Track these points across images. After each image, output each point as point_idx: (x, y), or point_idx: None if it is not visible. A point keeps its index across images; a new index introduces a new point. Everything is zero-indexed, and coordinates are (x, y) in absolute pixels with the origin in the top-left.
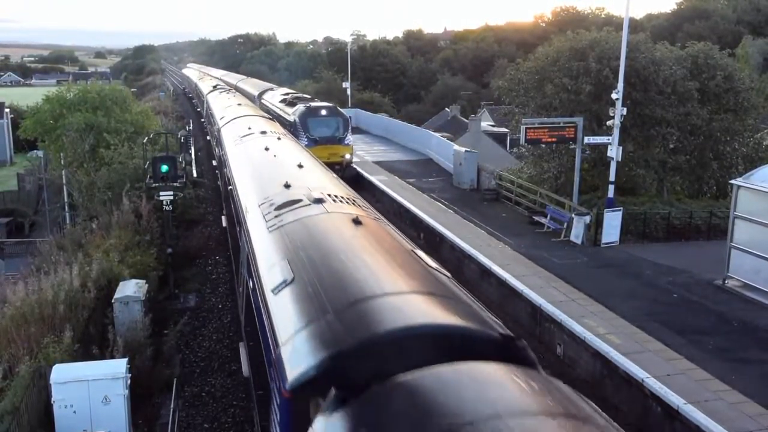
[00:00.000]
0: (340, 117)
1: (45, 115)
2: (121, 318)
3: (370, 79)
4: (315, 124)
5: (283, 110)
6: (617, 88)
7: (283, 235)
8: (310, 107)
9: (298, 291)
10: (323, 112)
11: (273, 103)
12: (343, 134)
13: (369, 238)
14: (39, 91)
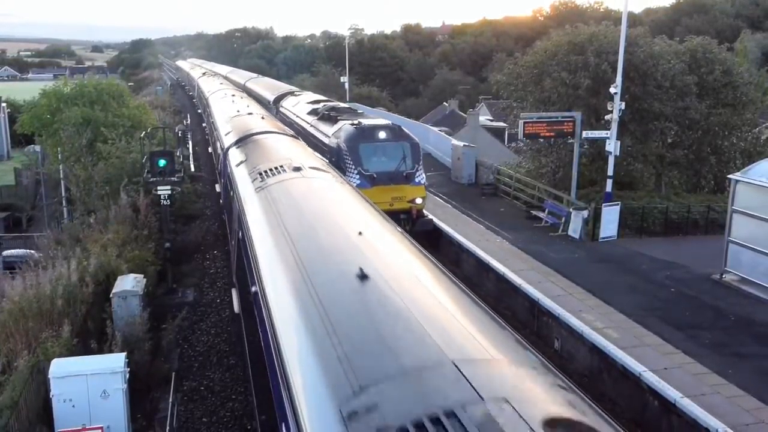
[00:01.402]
0: (407, 141)
1: (42, 109)
2: (119, 312)
3: (368, 73)
4: (371, 152)
5: (316, 127)
6: (616, 83)
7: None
8: (362, 127)
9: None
10: (382, 135)
11: (297, 114)
12: (413, 167)
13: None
14: (36, 85)
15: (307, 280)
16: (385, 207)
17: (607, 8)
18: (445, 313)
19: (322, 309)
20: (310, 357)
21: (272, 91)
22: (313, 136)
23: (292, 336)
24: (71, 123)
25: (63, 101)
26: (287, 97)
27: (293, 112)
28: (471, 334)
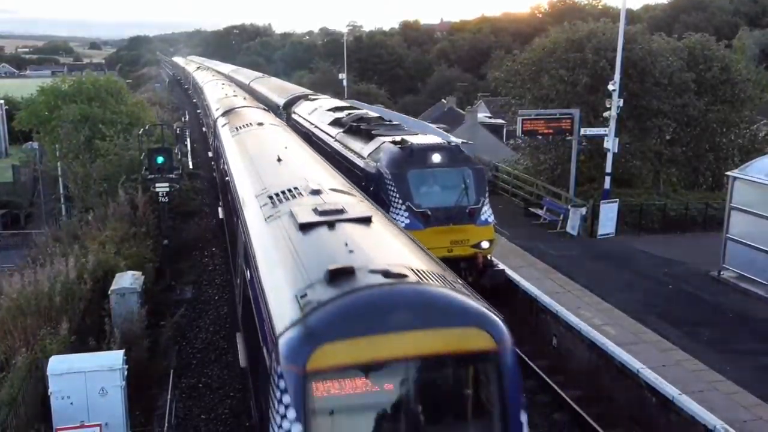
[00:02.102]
0: (469, 166)
1: (40, 106)
2: (117, 310)
3: (366, 70)
4: (423, 182)
5: (344, 144)
6: (614, 80)
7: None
8: (410, 147)
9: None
10: (438, 158)
11: (316, 124)
12: (478, 201)
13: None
14: (34, 82)
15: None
16: (442, 253)
17: (605, 5)
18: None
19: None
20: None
21: (281, 94)
22: (339, 155)
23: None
24: (69, 120)
25: (61, 98)
26: (301, 102)
27: (310, 122)
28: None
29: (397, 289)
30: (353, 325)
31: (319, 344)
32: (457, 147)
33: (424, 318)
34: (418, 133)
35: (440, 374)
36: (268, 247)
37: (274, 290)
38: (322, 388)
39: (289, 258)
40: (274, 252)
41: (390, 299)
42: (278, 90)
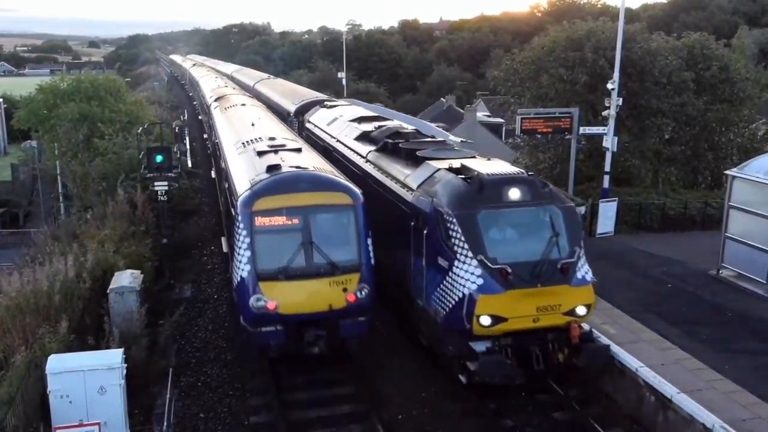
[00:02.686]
0: (556, 204)
1: (39, 105)
2: (116, 308)
3: (365, 69)
4: (497, 224)
5: (379, 167)
6: (613, 79)
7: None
8: (477, 179)
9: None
10: (515, 193)
11: (338, 137)
12: (572, 253)
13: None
14: (32, 81)
15: (233, 136)
16: (526, 324)
17: (604, 4)
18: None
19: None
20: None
21: (292, 99)
22: (373, 180)
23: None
24: (68, 119)
25: (60, 97)
26: (316, 109)
27: (329, 134)
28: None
29: (302, 173)
30: (276, 189)
31: (258, 198)
32: (535, 177)
33: (315, 186)
34: (475, 155)
35: (323, 215)
36: (238, 164)
37: (238, 180)
38: (260, 221)
39: (249, 167)
40: (241, 166)
41: (297, 177)
42: (288, 94)
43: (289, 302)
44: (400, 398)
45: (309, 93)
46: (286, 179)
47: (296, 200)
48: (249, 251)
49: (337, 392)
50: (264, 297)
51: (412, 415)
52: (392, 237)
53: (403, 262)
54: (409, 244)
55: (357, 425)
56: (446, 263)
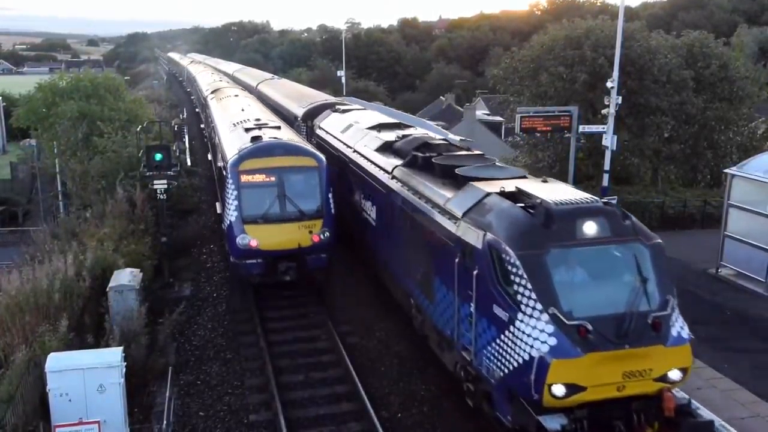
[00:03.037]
0: (640, 241)
1: (38, 103)
2: (116, 307)
3: (364, 67)
4: (571, 268)
5: (413, 187)
6: (612, 77)
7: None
8: (543, 209)
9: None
10: (590, 228)
11: (354, 147)
12: (664, 303)
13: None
14: (31, 79)
15: (225, 119)
16: (609, 393)
17: (603, 2)
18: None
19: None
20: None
21: (299, 102)
22: (401, 200)
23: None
24: (67, 117)
25: (59, 95)
26: (327, 113)
27: (344, 143)
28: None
29: (278, 142)
30: (257, 153)
31: (243, 160)
32: (615, 206)
33: (287, 152)
34: (526, 175)
35: (294, 174)
36: (229, 138)
37: (229, 149)
38: (245, 178)
39: (237, 139)
40: (232, 139)
41: (274, 144)
42: (294, 96)
43: (267, 241)
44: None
45: (317, 95)
46: (265, 146)
47: (273, 162)
48: (236, 201)
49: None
50: (248, 236)
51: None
52: (427, 269)
53: (443, 300)
54: (452, 283)
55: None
56: (505, 315)
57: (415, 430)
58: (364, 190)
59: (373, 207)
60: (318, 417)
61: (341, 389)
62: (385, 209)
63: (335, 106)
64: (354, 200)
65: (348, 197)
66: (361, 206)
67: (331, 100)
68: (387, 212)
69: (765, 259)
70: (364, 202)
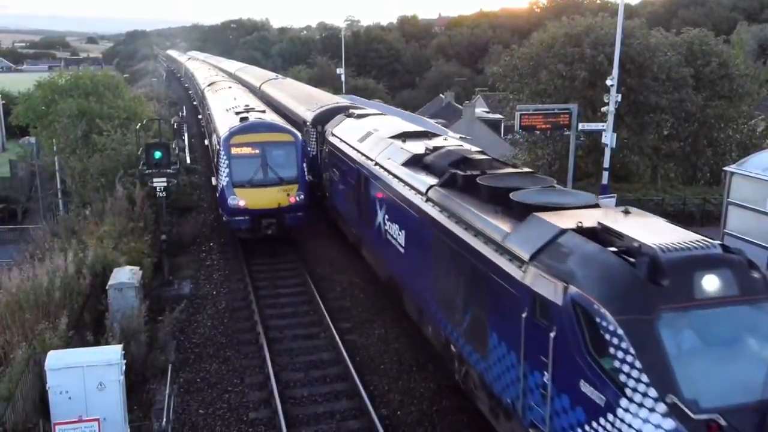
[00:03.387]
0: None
1: (37, 101)
2: (115, 305)
3: (364, 65)
4: (690, 338)
5: (454, 213)
6: (612, 75)
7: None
8: (645, 256)
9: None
10: (712, 283)
11: (376, 160)
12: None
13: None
14: (31, 77)
15: (220, 106)
16: None
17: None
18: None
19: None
20: (220, 115)
21: (307, 105)
22: (441, 229)
23: (212, 99)
24: (66, 115)
25: (58, 93)
26: (341, 119)
27: (363, 153)
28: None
29: (261, 122)
30: (244, 130)
31: (233, 136)
32: (744, 255)
33: (269, 129)
34: (597, 202)
35: (274, 147)
36: (223, 120)
37: (222, 128)
38: (234, 150)
39: (229, 120)
40: (225, 121)
41: (258, 123)
42: (302, 98)
43: (253, 201)
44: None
45: (327, 97)
46: (251, 125)
47: (257, 138)
48: (228, 169)
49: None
50: (237, 198)
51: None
52: (479, 317)
53: (501, 360)
54: (515, 341)
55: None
56: (600, 397)
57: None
58: (390, 211)
59: (401, 231)
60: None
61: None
62: (417, 236)
63: (348, 110)
64: (374, 218)
65: (366, 213)
66: (383, 227)
67: (343, 104)
68: (420, 240)
69: (764, 256)
70: (389, 224)
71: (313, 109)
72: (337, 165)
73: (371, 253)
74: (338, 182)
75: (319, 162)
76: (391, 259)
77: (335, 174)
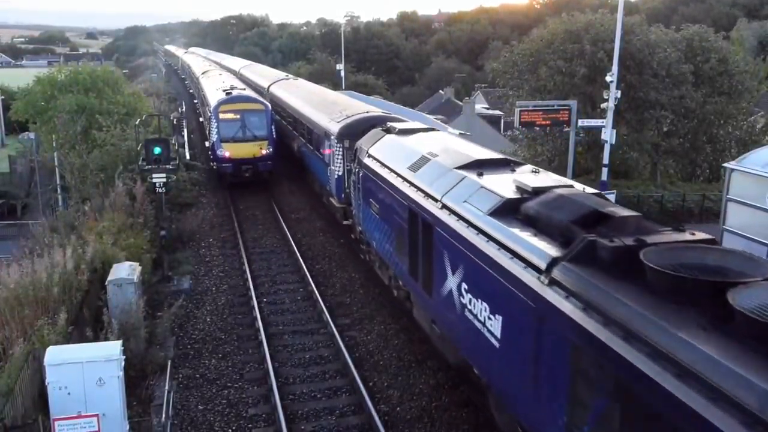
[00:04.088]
0: None
1: (36, 96)
2: (114, 300)
3: (363, 61)
4: None
5: (640, 337)
6: (612, 71)
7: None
8: None
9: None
10: None
11: (449, 204)
12: None
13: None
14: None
15: (211, 87)
16: None
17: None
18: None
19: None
20: (211, 92)
21: (330, 113)
22: (580, 332)
23: (205, 83)
24: (66, 110)
25: (57, 88)
26: (378, 135)
27: (423, 190)
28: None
29: (241, 94)
30: (229, 101)
31: (221, 104)
32: None
33: (247, 101)
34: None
35: (251, 114)
36: (213, 95)
37: (212, 101)
38: (222, 115)
39: (218, 94)
40: (215, 96)
41: (239, 96)
42: (322, 105)
43: (235, 152)
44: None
45: (352, 104)
46: (233, 97)
47: (238, 106)
48: (217, 129)
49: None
50: (224, 150)
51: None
52: None
53: None
54: None
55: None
56: None
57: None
58: (473, 280)
59: (495, 317)
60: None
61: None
62: (529, 332)
63: (386, 123)
64: (441, 281)
65: (426, 271)
66: (459, 299)
67: (374, 113)
68: (536, 341)
69: (764, 253)
70: (471, 299)
71: (338, 120)
72: (377, 195)
73: (433, 322)
74: (379, 217)
75: (348, 184)
76: (475, 347)
77: (374, 205)
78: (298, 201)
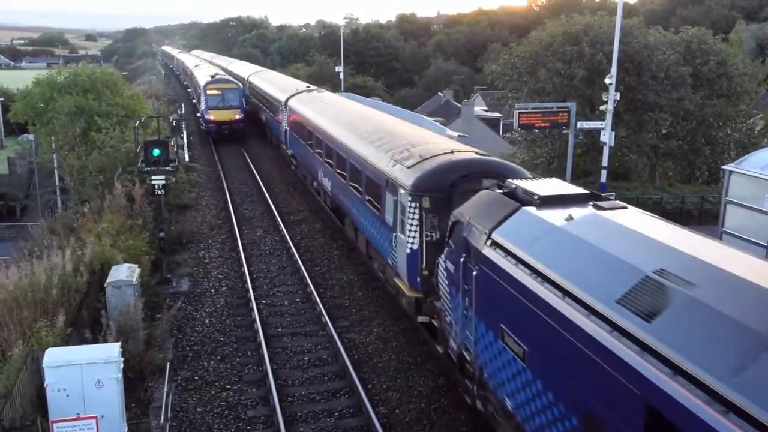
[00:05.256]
0: None
1: (35, 98)
2: (113, 302)
3: (362, 63)
4: None
5: None
6: (611, 73)
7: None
8: None
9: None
10: None
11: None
12: None
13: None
14: (29, 74)
15: (201, 75)
16: None
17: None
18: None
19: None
20: (201, 78)
21: (391, 149)
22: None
23: (196, 72)
24: (65, 112)
25: (56, 90)
26: (504, 206)
27: (547, 276)
28: None
29: (221, 77)
30: (213, 82)
31: (208, 85)
32: None
33: (226, 82)
34: None
35: (229, 91)
36: (202, 80)
37: (201, 83)
38: (209, 93)
39: (206, 78)
40: (204, 80)
41: (220, 78)
42: (374, 135)
43: (218, 117)
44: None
45: (424, 136)
46: (216, 79)
47: (219, 86)
48: (205, 101)
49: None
50: (211, 115)
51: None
52: None
53: None
54: None
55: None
56: None
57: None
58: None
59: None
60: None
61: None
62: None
63: (497, 173)
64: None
65: None
66: None
67: (466, 153)
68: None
69: (762, 254)
70: None
71: (409, 163)
72: (525, 323)
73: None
74: (535, 371)
75: (427, 264)
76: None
77: (514, 341)
78: (298, 203)
